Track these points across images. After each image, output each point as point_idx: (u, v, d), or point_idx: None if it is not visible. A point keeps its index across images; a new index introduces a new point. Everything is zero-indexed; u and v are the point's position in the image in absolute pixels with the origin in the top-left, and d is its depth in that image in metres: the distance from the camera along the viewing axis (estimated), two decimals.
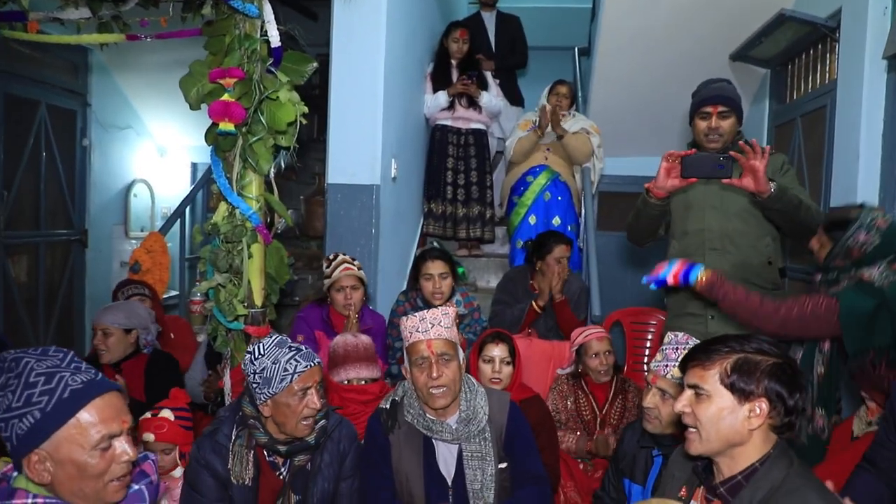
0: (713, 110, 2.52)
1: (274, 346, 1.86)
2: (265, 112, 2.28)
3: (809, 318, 2.07)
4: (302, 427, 1.85)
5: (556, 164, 4.23)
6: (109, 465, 1.34)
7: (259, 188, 2.34)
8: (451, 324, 2.03)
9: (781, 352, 1.45)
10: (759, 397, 1.39)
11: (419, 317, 2.02)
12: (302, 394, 1.83)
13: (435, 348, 1.97)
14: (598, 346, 2.82)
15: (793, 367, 1.44)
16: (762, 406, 1.39)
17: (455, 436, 2.01)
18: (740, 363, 1.41)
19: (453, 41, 4.54)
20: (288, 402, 1.82)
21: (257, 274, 2.32)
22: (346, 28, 3.38)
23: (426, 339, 1.98)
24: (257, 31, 2.27)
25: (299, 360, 1.84)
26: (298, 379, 1.82)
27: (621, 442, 2.19)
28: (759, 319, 2.11)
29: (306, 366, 1.84)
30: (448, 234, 4.51)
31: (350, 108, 3.38)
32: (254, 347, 1.88)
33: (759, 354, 1.42)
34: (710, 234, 2.58)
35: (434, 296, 3.03)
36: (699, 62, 4.42)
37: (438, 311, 2.03)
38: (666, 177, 2.39)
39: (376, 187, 3.37)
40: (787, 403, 1.39)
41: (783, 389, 1.39)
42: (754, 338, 1.46)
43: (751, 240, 2.54)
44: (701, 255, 2.57)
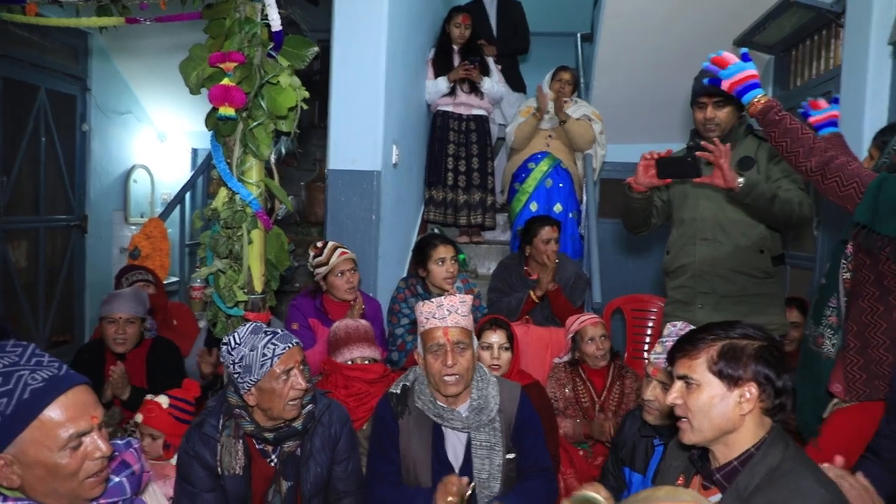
0: (708, 101, 2.53)
1: (249, 334, 1.86)
2: (266, 97, 2.25)
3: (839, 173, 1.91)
4: (290, 408, 1.85)
5: (558, 151, 4.21)
6: (82, 463, 1.28)
7: (259, 173, 2.32)
8: (467, 312, 2.02)
9: (767, 335, 1.46)
10: (748, 381, 1.40)
11: (436, 303, 2.01)
12: (286, 376, 1.83)
13: (451, 336, 1.97)
14: (594, 332, 2.84)
15: (779, 348, 1.45)
16: (752, 390, 1.40)
17: (465, 424, 2.01)
18: (726, 349, 1.42)
19: (455, 26, 4.50)
20: (272, 387, 1.82)
21: (257, 260, 2.31)
22: (347, 13, 3.35)
23: (443, 326, 1.97)
24: (258, 14, 2.25)
25: (277, 342, 1.84)
26: (279, 361, 1.82)
27: (621, 430, 2.19)
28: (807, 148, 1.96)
29: (284, 347, 1.84)
30: (449, 220, 4.50)
31: (351, 94, 3.36)
32: (229, 338, 1.87)
33: (744, 339, 1.43)
34: (703, 223, 2.61)
35: (446, 280, 3.05)
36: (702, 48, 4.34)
37: (456, 298, 2.02)
38: (644, 174, 2.41)
39: (377, 173, 3.35)
40: (776, 385, 1.40)
41: (771, 371, 1.40)
42: (739, 324, 1.47)
43: (743, 228, 2.55)
44: (693, 244, 2.63)
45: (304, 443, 1.96)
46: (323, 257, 2.96)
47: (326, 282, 2.98)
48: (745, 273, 2.55)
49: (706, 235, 2.60)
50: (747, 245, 2.55)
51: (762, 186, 2.37)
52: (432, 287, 3.11)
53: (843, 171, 1.90)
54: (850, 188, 1.89)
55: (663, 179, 2.40)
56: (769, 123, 2.02)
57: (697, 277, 2.61)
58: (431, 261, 3.07)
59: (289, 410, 1.86)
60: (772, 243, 2.59)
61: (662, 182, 2.43)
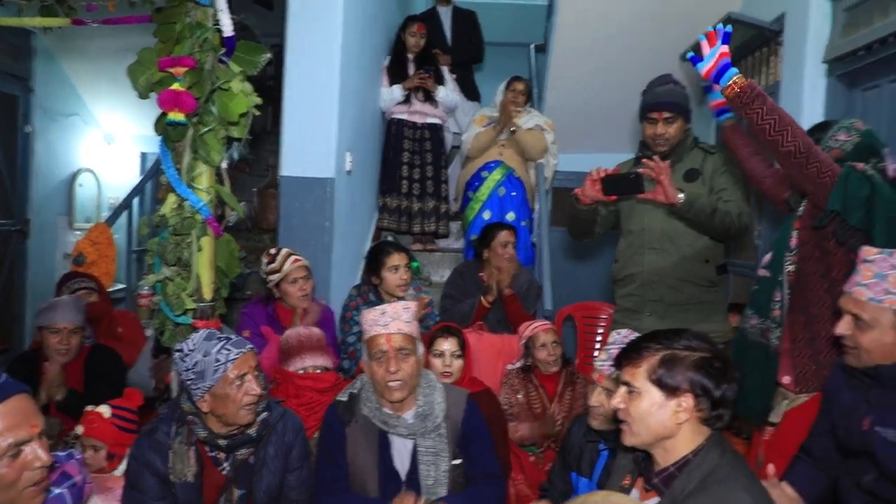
0: (658, 116, 2.61)
1: (202, 340, 1.85)
2: (217, 102, 2.23)
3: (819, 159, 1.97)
4: (244, 414, 1.84)
5: (511, 160, 4.27)
6: (20, 473, 1.26)
7: (210, 180, 2.29)
8: (411, 318, 2.04)
9: (710, 346, 1.50)
10: (685, 392, 1.44)
11: (379, 310, 2.02)
12: (239, 381, 1.82)
13: (394, 342, 1.98)
14: (546, 338, 2.90)
15: (722, 359, 1.48)
16: (688, 401, 1.44)
17: (411, 431, 2.02)
18: (666, 359, 1.46)
19: (410, 35, 4.53)
20: (226, 392, 1.80)
21: (207, 267, 2.27)
22: (301, 18, 3.34)
23: (386, 333, 1.99)
24: (209, 19, 2.22)
25: (230, 347, 1.83)
26: (233, 366, 1.81)
27: (568, 435, 2.24)
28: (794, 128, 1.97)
29: (238, 352, 1.83)
30: (403, 228, 4.51)
31: (305, 100, 3.35)
32: (182, 344, 1.86)
33: (685, 350, 1.47)
34: (651, 233, 2.69)
35: (399, 288, 3.07)
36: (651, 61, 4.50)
37: (399, 305, 2.04)
38: (591, 189, 2.48)
39: (331, 181, 3.35)
40: (713, 396, 1.44)
41: (709, 383, 1.44)
42: (684, 333, 1.51)
43: (689, 239, 2.64)
44: (641, 254, 2.71)
45: (257, 450, 1.94)
46: (276, 264, 2.94)
47: (279, 289, 2.95)
48: (691, 282, 2.64)
49: (654, 245, 2.68)
50: (693, 255, 2.64)
51: (702, 201, 2.47)
52: (385, 294, 3.11)
53: (822, 159, 1.98)
54: (826, 176, 1.97)
55: (609, 196, 2.48)
56: (754, 99, 1.95)
57: (646, 286, 2.69)
58: (385, 268, 3.08)
59: (243, 416, 1.84)
60: (716, 253, 2.69)
61: (608, 198, 2.51)
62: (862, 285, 1.67)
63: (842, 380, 1.83)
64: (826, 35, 3.22)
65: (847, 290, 1.72)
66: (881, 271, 1.64)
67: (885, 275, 1.64)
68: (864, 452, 1.72)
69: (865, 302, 1.65)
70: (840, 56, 3.09)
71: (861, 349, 1.68)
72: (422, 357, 2.07)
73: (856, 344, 1.69)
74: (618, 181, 2.45)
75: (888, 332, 1.63)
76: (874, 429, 1.68)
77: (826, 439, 1.89)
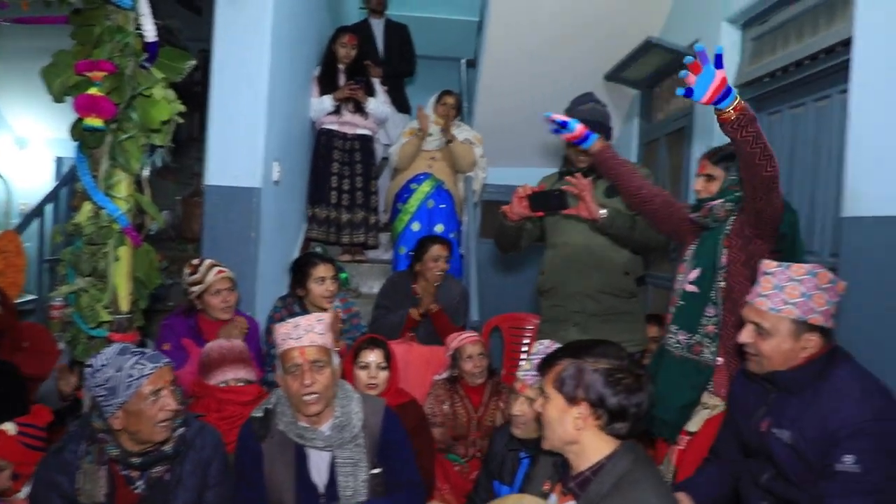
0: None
1: (115, 355, 1.79)
2: (137, 109, 2.17)
3: (668, 210, 2.29)
4: (159, 431, 1.79)
5: (440, 172, 4.32)
6: None
7: (129, 188, 2.23)
8: (324, 330, 2.02)
9: (621, 359, 1.56)
10: (581, 401, 1.52)
11: (292, 323, 2.00)
12: (154, 397, 1.77)
13: (308, 355, 1.96)
14: (472, 350, 2.94)
15: (631, 372, 1.54)
16: (584, 409, 1.52)
17: (328, 443, 2.00)
18: (570, 369, 1.54)
19: (341, 46, 4.53)
20: (140, 409, 1.75)
21: (124, 278, 2.20)
22: (229, 24, 3.28)
23: (299, 346, 1.96)
24: (131, 23, 2.17)
25: (145, 362, 1.78)
26: (147, 382, 1.76)
27: (492, 445, 2.28)
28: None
29: (154, 367, 1.78)
30: (331, 239, 4.48)
31: (232, 108, 3.29)
32: (93, 360, 1.79)
33: (591, 361, 1.54)
34: (574, 247, 2.80)
35: (325, 299, 3.06)
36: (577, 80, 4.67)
37: (312, 317, 2.02)
38: (518, 205, 2.58)
39: (257, 190, 3.30)
40: (611, 407, 1.50)
41: (608, 394, 1.50)
42: (599, 345, 1.59)
43: (610, 252, 2.75)
44: (565, 267, 2.80)
45: (173, 468, 1.88)
46: (199, 275, 2.87)
47: (202, 300, 2.88)
48: (611, 294, 2.75)
49: (577, 258, 2.79)
50: (613, 268, 2.76)
51: (623, 216, 2.59)
52: (310, 306, 3.09)
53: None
54: (780, 202, 2.08)
55: (535, 212, 2.58)
56: (750, 122, 1.86)
57: (568, 298, 2.79)
58: (311, 280, 3.06)
59: (158, 433, 1.79)
60: (635, 266, 2.82)
61: (535, 214, 2.61)
62: (762, 296, 1.78)
63: (744, 385, 1.95)
64: (736, 62, 3.43)
65: (749, 300, 1.83)
66: (779, 283, 1.76)
67: (783, 286, 1.75)
68: (763, 453, 1.84)
69: (766, 311, 1.76)
70: (748, 81, 3.29)
71: (762, 356, 1.78)
72: (338, 368, 2.06)
73: (757, 351, 1.79)
74: (543, 198, 2.55)
75: (786, 340, 1.75)
76: (771, 430, 1.80)
77: (731, 441, 2.01)
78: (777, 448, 1.77)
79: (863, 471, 1.60)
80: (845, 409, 1.66)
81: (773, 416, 1.81)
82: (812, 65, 2.85)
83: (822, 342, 1.75)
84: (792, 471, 1.75)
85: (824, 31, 2.78)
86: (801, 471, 1.73)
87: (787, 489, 1.78)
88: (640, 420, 1.54)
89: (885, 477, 1.60)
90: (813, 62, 2.84)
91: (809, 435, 1.70)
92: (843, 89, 2.63)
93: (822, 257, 2.83)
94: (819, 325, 1.73)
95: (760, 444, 1.83)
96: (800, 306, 1.72)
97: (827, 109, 2.85)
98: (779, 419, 1.79)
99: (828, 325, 1.75)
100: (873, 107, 2.30)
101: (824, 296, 1.73)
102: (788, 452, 1.75)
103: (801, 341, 1.74)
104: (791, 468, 1.75)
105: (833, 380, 1.73)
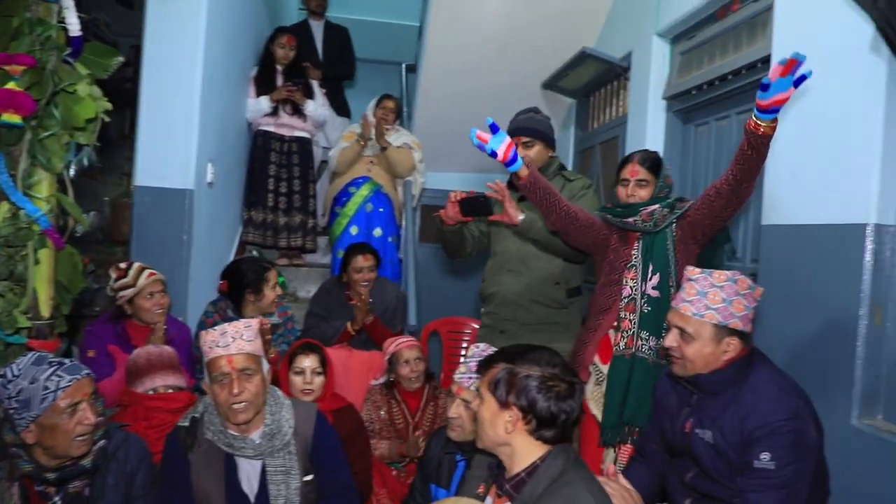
0: (517, 140, 2.76)
1: (30, 365, 1.70)
2: (60, 105, 2.08)
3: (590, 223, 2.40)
4: (77, 445, 1.71)
5: (379, 177, 4.31)
6: None
7: (51, 188, 2.13)
8: (253, 336, 1.96)
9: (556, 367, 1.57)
10: (512, 406, 1.54)
11: (219, 330, 1.93)
12: (72, 410, 1.69)
13: (236, 364, 1.90)
14: (409, 354, 2.94)
15: (562, 379, 1.56)
16: (514, 414, 1.54)
17: (258, 451, 1.95)
18: (503, 374, 1.57)
19: (279, 47, 4.46)
20: (56, 423, 1.67)
21: (45, 282, 2.10)
22: (161, 20, 3.19)
23: (226, 354, 1.90)
24: (53, 16, 2.08)
25: (62, 374, 1.70)
26: (64, 395, 1.68)
27: (428, 448, 2.28)
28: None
29: (71, 379, 1.70)
30: (268, 242, 4.40)
31: (163, 106, 3.20)
32: (6, 370, 1.70)
33: (525, 367, 1.56)
34: (510, 255, 2.85)
35: (276, 304, 3.05)
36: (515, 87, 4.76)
37: (240, 323, 1.96)
38: (451, 209, 2.64)
39: (190, 192, 3.22)
40: (541, 413, 1.53)
41: (539, 400, 1.52)
42: (535, 351, 1.60)
43: (542, 262, 2.81)
44: (500, 274, 2.86)
45: (94, 482, 1.80)
46: (129, 279, 2.77)
47: (132, 305, 2.78)
48: (541, 303, 2.80)
49: (511, 267, 2.84)
50: (544, 277, 2.81)
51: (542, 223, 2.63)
52: (254, 311, 3.04)
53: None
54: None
55: (466, 217, 2.64)
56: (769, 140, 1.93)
57: (502, 305, 2.83)
58: (268, 285, 3.01)
59: (76, 447, 1.71)
60: (568, 276, 2.85)
61: (466, 219, 2.66)
62: (686, 301, 1.85)
63: (669, 386, 2.02)
64: (665, 74, 3.56)
65: (674, 305, 1.91)
66: (702, 289, 1.83)
67: (706, 292, 1.83)
68: (687, 452, 1.91)
69: (689, 316, 1.83)
70: (677, 94, 3.42)
71: (686, 359, 1.85)
72: (268, 374, 2.01)
73: (681, 355, 1.86)
74: (471, 203, 2.61)
75: (708, 344, 1.82)
76: (694, 431, 1.87)
77: (656, 441, 2.08)
78: (700, 447, 1.85)
79: (776, 467, 1.69)
80: (762, 410, 1.75)
81: (696, 417, 1.89)
82: (735, 79, 2.98)
83: (741, 345, 1.84)
84: (714, 469, 1.83)
85: (746, 49, 2.92)
86: (723, 468, 1.81)
87: (710, 486, 1.85)
88: (568, 426, 1.57)
89: (795, 471, 1.70)
90: (736, 77, 2.97)
91: (729, 434, 1.79)
92: None
93: (744, 263, 2.96)
94: (739, 330, 1.82)
95: (684, 444, 1.91)
96: (721, 311, 1.80)
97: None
98: (701, 420, 1.87)
99: (747, 330, 1.84)
100: (788, 121, 2.43)
101: (743, 301, 1.81)
102: (710, 451, 1.83)
103: (722, 345, 1.82)
104: (713, 466, 1.83)
105: (751, 381, 1.81)
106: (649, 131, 3.58)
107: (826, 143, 2.26)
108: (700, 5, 3.13)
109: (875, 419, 2.10)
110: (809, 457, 1.74)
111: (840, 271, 2.16)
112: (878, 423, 2.08)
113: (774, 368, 1.87)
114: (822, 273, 2.24)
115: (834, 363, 2.16)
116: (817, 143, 2.30)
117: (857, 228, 2.10)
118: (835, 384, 2.14)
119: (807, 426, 1.74)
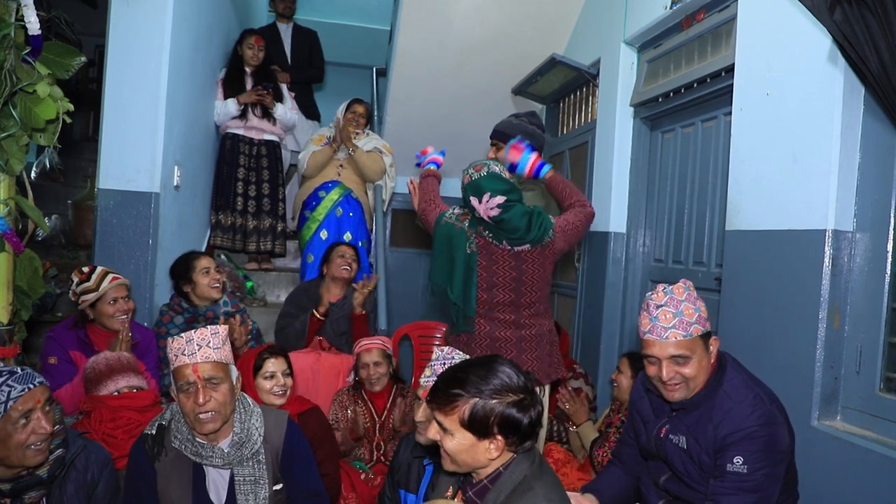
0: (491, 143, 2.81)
1: None
2: (19, 106, 2.03)
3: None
4: (32, 455, 1.67)
5: (349, 181, 4.29)
6: None
7: (9, 190, 2.08)
8: (221, 343, 1.91)
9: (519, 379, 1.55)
10: (495, 435, 1.50)
11: (185, 338, 1.88)
12: (25, 420, 1.65)
13: (202, 373, 1.84)
14: (367, 358, 2.96)
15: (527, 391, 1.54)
16: (498, 442, 1.51)
17: (226, 460, 1.91)
18: (476, 410, 1.50)
19: (248, 48, 4.42)
20: (8, 433, 1.63)
21: (4, 287, 2.05)
22: (125, 19, 3.12)
23: (192, 363, 1.84)
24: (12, 15, 2.03)
25: (14, 384, 1.66)
26: (16, 404, 1.64)
27: (397, 454, 2.27)
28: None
29: (24, 388, 1.66)
30: (237, 246, 4.35)
31: (128, 108, 3.14)
32: None
33: (498, 398, 1.50)
34: None
35: (215, 289, 3.07)
36: (485, 92, 4.78)
37: (207, 330, 1.90)
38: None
39: (155, 195, 3.16)
40: (522, 430, 1.52)
41: (520, 417, 1.50)
42: (495, 375, 1.53)
43: None
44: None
45: (51, 491, 1.76)
46: (91, 283, 2.71)
47: (95, 310, 2.73)
48: None
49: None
50: None
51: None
52: (198, 300, 3.06)
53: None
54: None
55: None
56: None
57: None
58: (196, 272, 3.04)
59: (31, 457, 1.66)
60: None
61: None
62: (670, 329, 1.80)
63: (643, 395, 2.04)
64: (632, 82, 3.61)
65: (657, 337, 1.82)
66: (676, 309, 1.80)
67: (681, 311, 1.80)
68: (661, 457, 1.94)
69: (681, 341, 1.79)
70: (643, 101, 3.47)
71: (688, 380, 1.83)
72: (237, 382, 1.97)
73: (682, 378, 1.82)
74: None
75: (703, 356, 1.83)
76: (669, 437, 1.90)
77: (631, 445, 2.10)
78: (673, 452, 1.88)
79: (749, 471, 1.72)
80: (736, 417, 1.77)
81: (671, 423, 1.92)
82: (700, 88, 3.04)
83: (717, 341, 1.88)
84: (685, 472, 1.86)
85: (711, 58, 2.98)
86: (694, 472, 1.84)
87: (682, 489, 1.89)
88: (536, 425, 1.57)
89: (767, 476, 1.73)
90: (701, 85, 3.03)
91: (703, 440, 1.81)
92: (727, 111, 2.82)
93: (709, 268, 3.01)
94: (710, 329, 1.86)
95: (658, 448, 1.94)
96: (699, 321, 1.82)
97: (713, 130, 3.04)
98: (676, 426, 1.90)
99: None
100: (751, 129, 2.48)
101: (700, 302, 1.85)
102: (683, 456, 1.86)
103: (709, 349, 1.86)
104: (684, 470, 1.86)
105: (725, 387, 1.84)
106: (617, 137, 3.62)
107: (786, 150, 2.31)
108: (666, 15, 3.18)
109: (834, 420, 2.15)
110: (781, 461, 1.77)
111: (801, 276, 2.21)
112: (836, 424, 2.13)
113: (748, 375, 1.90)
114: (784, 277, 2.29)
115: (794, 365, 2.21)
116: (778, 151, 2.35)
117: (817, 234, 2.16)
118: (795, 386, 2.19)
119: (780, 432, 1.77)
